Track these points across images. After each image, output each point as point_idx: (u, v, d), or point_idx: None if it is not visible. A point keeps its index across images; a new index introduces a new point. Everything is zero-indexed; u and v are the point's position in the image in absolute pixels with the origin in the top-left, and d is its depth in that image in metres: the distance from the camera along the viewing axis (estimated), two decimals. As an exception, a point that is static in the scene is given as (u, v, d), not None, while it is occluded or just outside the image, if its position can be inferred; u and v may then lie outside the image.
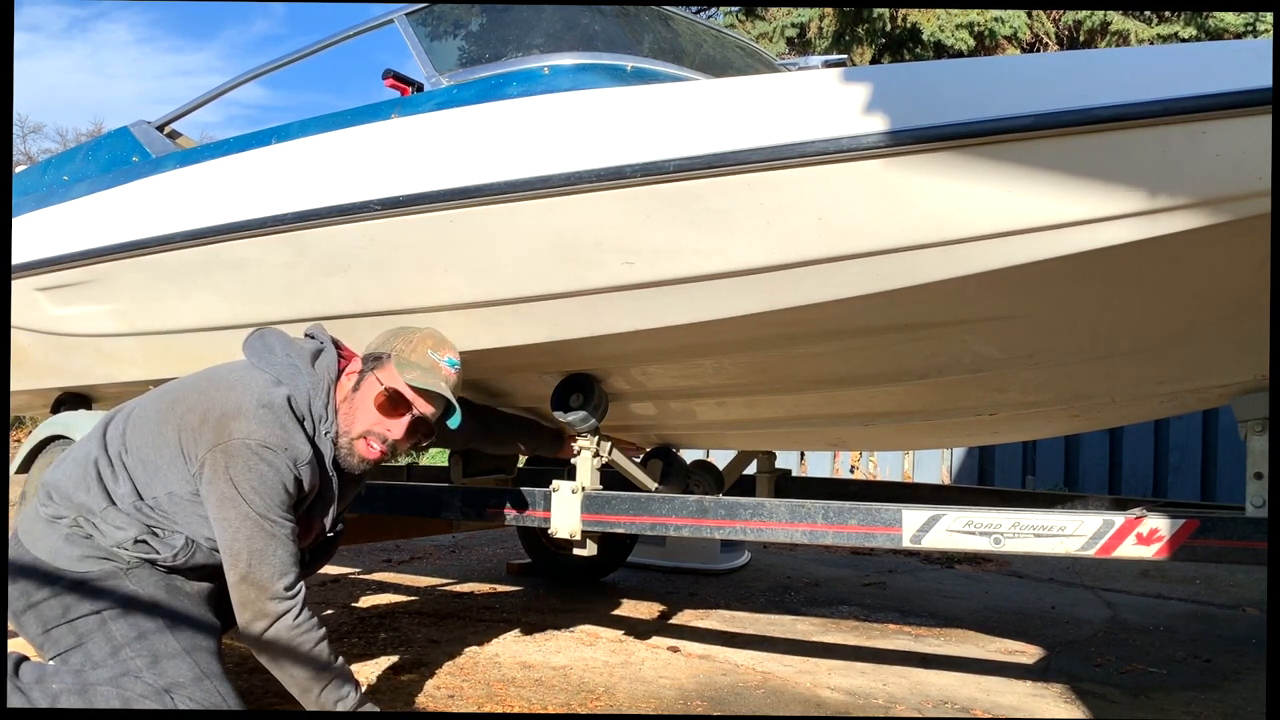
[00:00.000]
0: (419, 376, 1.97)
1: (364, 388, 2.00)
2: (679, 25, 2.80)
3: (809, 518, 2.29)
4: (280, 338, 2.05)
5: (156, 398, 2.01)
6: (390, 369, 1.98)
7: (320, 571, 2.57)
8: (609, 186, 2.04)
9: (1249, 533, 2.00)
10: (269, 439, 1.84)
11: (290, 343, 2.04)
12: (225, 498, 1.82)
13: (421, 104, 2.40)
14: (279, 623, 1.83)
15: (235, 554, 1.82)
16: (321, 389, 1.98)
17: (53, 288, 3.11)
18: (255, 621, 1.83)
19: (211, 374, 2.00)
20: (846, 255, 1.91)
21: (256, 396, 1.87)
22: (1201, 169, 1.63)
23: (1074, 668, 3.03)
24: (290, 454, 1.86)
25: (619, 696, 2.63)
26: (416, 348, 2.01)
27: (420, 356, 2.00)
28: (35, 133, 27.67)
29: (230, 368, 2.01)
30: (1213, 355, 2.18)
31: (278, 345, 2.02)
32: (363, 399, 1.99)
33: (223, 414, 1.85)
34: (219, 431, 1.84)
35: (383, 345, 2.03)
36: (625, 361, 2.52)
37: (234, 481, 1.81)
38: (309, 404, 1.95)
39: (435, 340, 2.06)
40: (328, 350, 2.07)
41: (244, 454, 1.81)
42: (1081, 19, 10.07)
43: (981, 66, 2.37)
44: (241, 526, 1.81)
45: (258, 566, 1.81)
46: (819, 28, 10.55)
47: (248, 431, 1.83)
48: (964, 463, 7.47)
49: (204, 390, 1.93)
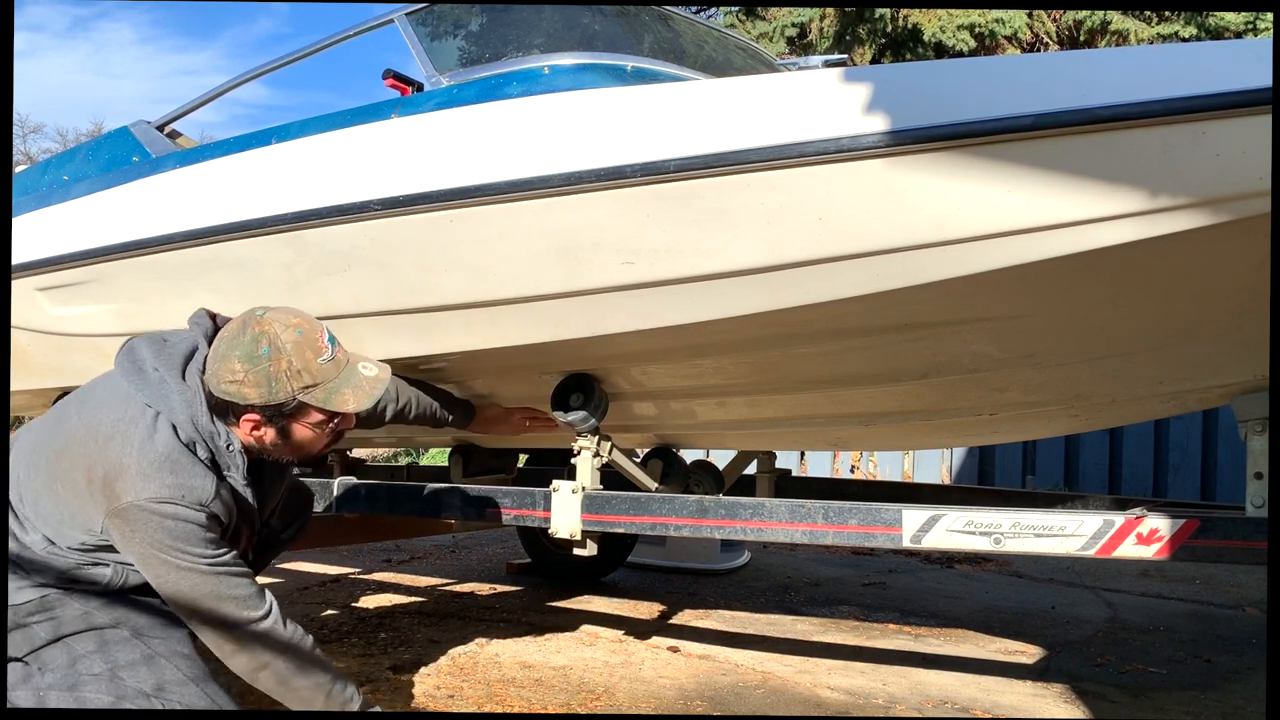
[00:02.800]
0: (354, 398, 1.78)
1: (296, 433, 1.81)
2: (679, 25, 2.79)
3: (809, 518, 2.29)
4: (150, 346, 1.81)
5: (41, 439, 1.81)
6: (312, 413, 1.78)
7: (320, 571, 2.55)
8: (609, 186, 2.04)
9: (1249, 533, 2.00)
10: (160, 493, 1.65)
11: (160, 349, 1.80)
12: (148, 559, 1.68)
13: (421, 104, 2.40)
14: (259, 647, 1.72)
15: (189, 608, 1.69)
16: (199, 403, 1.75)
17: (53, 288, 3.11)
18: (239, 653, 1.72)
19: (90, 414, 1.76)
20: (847, 255, 1.90)
21: (137, 444, 1.68)
22: (1201, 169, 1.63)
23: (1074, 668, 3.03)
24: (191, 497, 1.68)
25: (619, 696, 2.63)
26: (308, 364, 1.74)
27: (321, 371, 1.75)
28: (35, 133, 27.69)
29: (107, 400, 1.77)
30: (1213, 355, 2.18)
31: (147, 358, 1.78)
32: (300, 439, 1.82)
33: (105, 474, 1.67)
34: (108, 496, 1.66)
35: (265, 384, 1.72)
36: (625, 361, 2.52)
37: (148, 543, 1.66)
38: (193, 425, 1.73)
39: (308, 344, 1.75)
40: (201, 345, 1.83)
41: (141, 518, 1.65)
42: (1082, 19, 10.07)
43: (982, 66, 2.37)
44: (181, 580, 1.67)
45: (217, 608, 1.68)
46: (819, 28, 10.56)
47: (136, 492, 1.65)
48: (964, 463, 7.48)
49: (83, 442, 1.72)
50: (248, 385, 1.72)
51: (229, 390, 1.72)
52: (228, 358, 1.72)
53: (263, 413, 1.75)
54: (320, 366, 1.75)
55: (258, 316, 1.75)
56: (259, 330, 1.73)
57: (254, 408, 1.74)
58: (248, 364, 1.71)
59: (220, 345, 1.75)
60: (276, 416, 1.76)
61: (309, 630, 1.84)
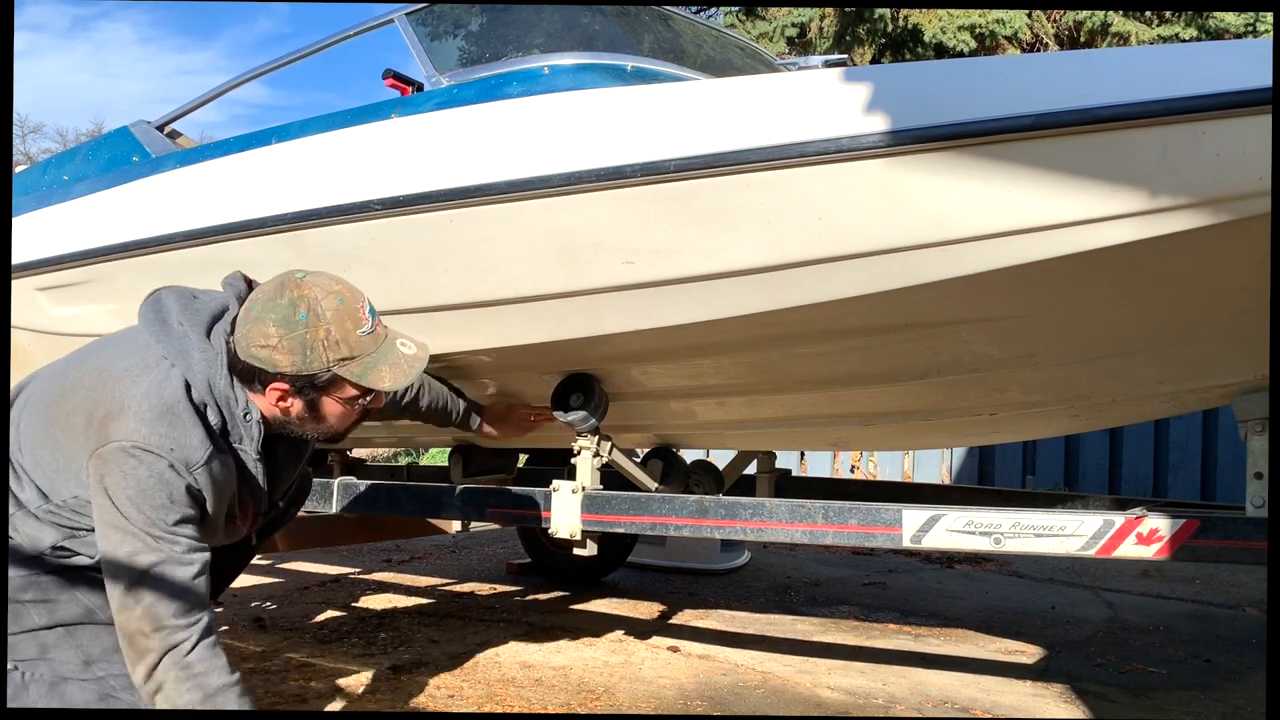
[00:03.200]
0: (390, 376, 1.66)
1: (325, 409, 1.68)
2: (679, 25, 2.80)
3: (809, 518, 2.29)
4: (178, 300, 1.69)
5: (48, 385, 1.70)
6: (345, 387, 1.66)
7: (320, 571, 2.53)
8: (609, 186, 2.04)
9: (1249, 533, 2.00)
10: (149, 441, 1.52)
11: (187, 304, 1.68)
12: (101, 509, 1.52)
13: (421, 104, 2.40)
14: (166, 659, 1.48)
15: (113, 574, 1.51)
16: (220, 365, 1.62)
17: (53, 288, 3.11)
18: (139, 661, 1.49)
19: (105, 359, 1.66)
20: (847, 255, 1.91)
21: (144, 389, 1.56)
22: (1201, 169, 1.63)
23: (1074, 668, 3.03)
24: (179, 455, 1.54)
25: (619, 696, 2.63)
26: (347, 334, 1.62)
27: (362, 343, 1.63)
28: (35, 133, 27.69)
29: (125, 347, 1.67)
30: (1213, 355, 2.18)
31: (173, 310, 1.66)
32: (328, 413, 1.69)
33: (105, 413, 1.55)
34: (99, 435, 1.54)
35: (299, 352, 1.59)
36: (625, 361, 2.52)
37: (109, 492, 1.51)
38: (209, 387, 1.60)
39: (350, 315, 1.63)
40: (231, 305, 1.71)
41: (118, 459, 1.51)
42: (1082, 19, 10.07)
43: (982, 66, 2.37)
44: (121, 544, 1.50)
45: (140, 592, 1.49)
46: (819, 28, 10.55)
47: (127, 431, 1.52)
48: (964, 463, 7.48)
49: (91, 385, 1.61)
50: (280, 351, 1.59)
51: (259, 355, 1.59)
52: (262, 320, 1.60)
53: (293, 382, 1.62)
54: (359, 339, 1.63)
55: (297, 279, 1.63)
56: (298, 294, 1.60)
57: (284, 376, 1.61)
58: (283, 328, 1.58)
59: (254, 306, 1.62)
60: (307, 388, 1.63)
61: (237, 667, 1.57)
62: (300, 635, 3.26)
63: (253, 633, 3.29)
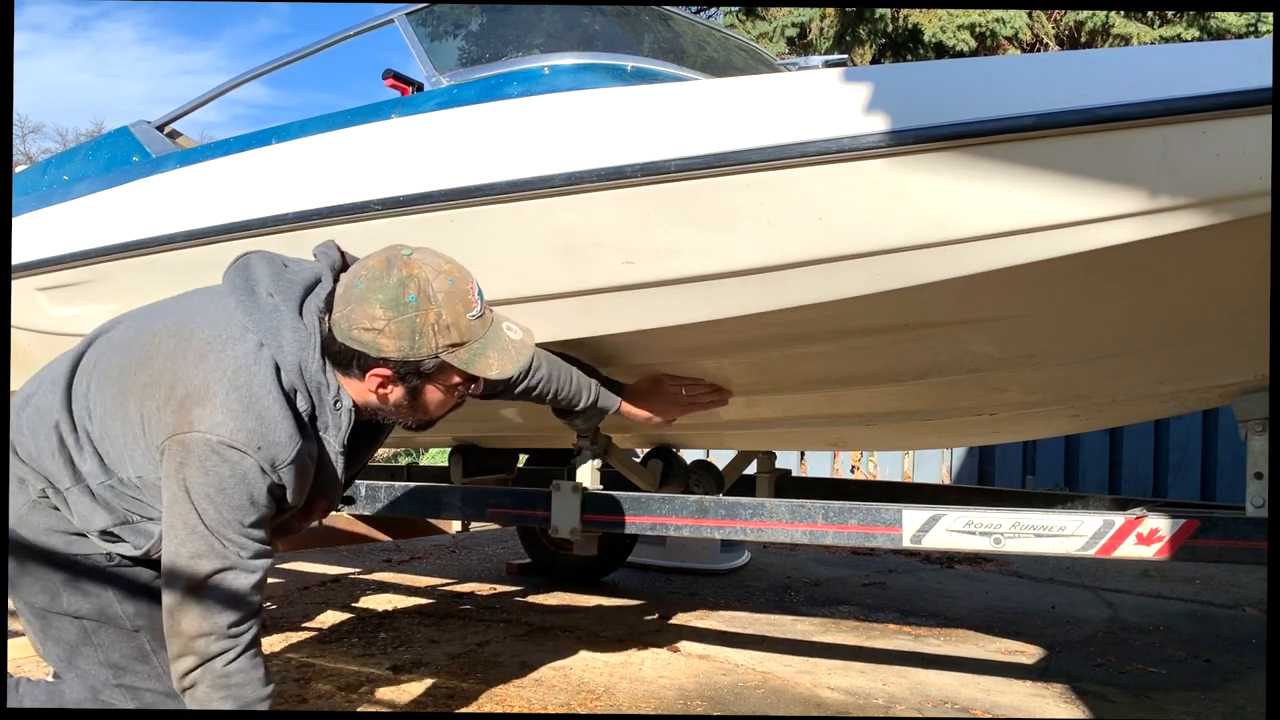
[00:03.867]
0: (498, 364, 1.56)
1: (426, 396, 1.58)
2: (679, 25, 2.79)
3: (809, 518, 2.29)
4: (267, 267, 1.57)
5: (124, 348, 1.56)
6: (451, 374, 1.56)
7: (320, 571, 2.53)
8: (610, 186, 2.04)
9: (1249, 533, 2.00)
10: (236, 437, 1.41)
11: (279, 274, 1.56)
12: (174, 500, 1.43)
13: (421, 104, 2.40)
14: (207, 666, 1.42)
15: (173, 572, 1.44)
16: (313, 347, 1.50)
17: (53, 288, 3.11)
18: (180, 659, 1.43)
19: (186, 323, 1.53)
20: (847, 255, 1.90)
21: (231, 374, 1.44)
22: (1202, 169, 1.63)
23: (1074, 668, 3.03)
24: (266, 454, 1.43)
25: (619, 696, 2.63)
26: (457, 318, 1.51)
27: (471, 327, 1.53)
28: (35, 132, 27.71)
29: (208, 313, 1.54)
30: (1213, 355, 2.18)
31: (262, 279, 1.55)
32: (428, 402, 1.59)
33: (187, 394, 1.43)
34: (180, 417, 1.43)
35: (408, 336, 1.48)
36: (625, 361, 2.52)
37: (186, 484, 1.42)
38: (300, 371, 1.49)
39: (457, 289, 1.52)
40: (325, 279, 1.58)
41: (200, 452, 1.41)
42: (1083, 20, 10.07)
43: (982, 66, 2.37)
44: (187, 541, 1.42)
45: (196, 593, 1.42)
46: (820, 28, 10.56)
47: (213, 423, 1.41)
48: (964, 463, 7.47)
49: (170, 354, 1.49)
50: (387, 336, 1.47)
51: (362, 339, 1.48)
52: (367, 300, 1.48)
53: (396, 369, 1.51)
54: (469, 323, 1.52)
55: (404, 256, 1.51)
56: (406, 273, 1.49)
57: (388, 362, 1.49)
58: (391, 311, 1.47)
59: (357, 284, 1.50)
60: (411, 375, 1.52)
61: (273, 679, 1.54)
62: (300, 635, 3.26)
63: (253, 633, 3.29)
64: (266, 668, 1.50)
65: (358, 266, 1.55)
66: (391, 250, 1.54)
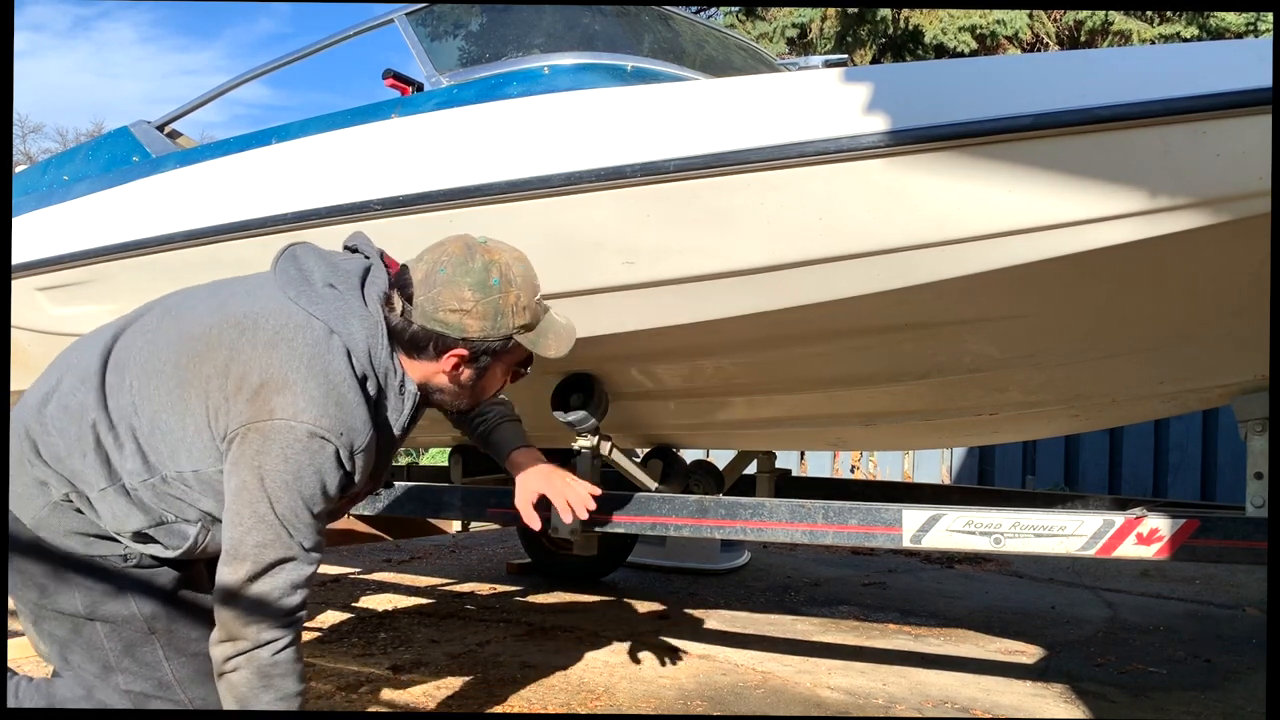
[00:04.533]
0: (555, 345, 1.64)
1: (490, 373, 1.65)
2: (679, 25, 2.80)
3: (809, 518, 2.29)
4: (317, 259, 1.61)
5: (175, 344, 1.54)
6: (516, 354, 1.64)
7: (320, 571, 2.51)
8: (609, 186, 2.04)
9: (1249, 533, 2.00)
10: (320, 423, 1.43)
11: (330, 265, 1.60)
12: (245, 487, 1.44)
13: (421, 104, 2.40)
14: (254, 654, 1.44)
15: (237, 559, 1.44)
16: (380, 334, 1.55)
17: (53, 288, 3.11)
18: (228, 643, 1.45)
19: (242, 315, 1.53)
20: (847, 255, 1.91)
21: (307, 362, 1.46)
22: (1201, 169, 1.63)
23: (1074, 668, 3.03)
24: (346, 440, 1.47)
25: (619, 696, 2.63)
26: (530, 301, 1.60)
27: (537, 310, 1.62)
28: (35, 132, 27.71)
29: (263, 304, 1.54)
30: (1213, 355, 2.18)
31: (316, 270, 1.57)
32: (489, 380, 1.67)
33: (263, 382, 1.45)
34: (258, 405, 1.44)
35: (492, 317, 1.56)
36: (625, 361, 2.52)
37: (261, 471, 1.43)
38: (369, 357, 1.53)
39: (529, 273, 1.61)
40: (376, 268, 1.63)
41: (284, 439, 1.42)
42: (1083, 19, 10.07)
43: (982, 66, 2.37)
44: (254, 529, 1.43)
45: (257, 582, 1.44)
46: (820, 29, 10.56)
47: (295, 410, 1.43)
48: (964, 463, 7.47)
49: (235, 345, 1.49)
50: (473, 316, 1.54)
51: (448, 320, 1.54)
52: (455, 283, 1.54)
53: (474, 349, 1.58)
54: (536, 306, 1.61)
55: (481, 243, 1.60)
56: (489, 258, 1.57)
57: (468, 342, 1.56)
58: (479, 292, 1.54)
59: (441, 270, 1.56)
60: (484, 354, 1.59)
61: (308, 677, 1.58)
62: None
63: (253, 633, 3.29)
64: (304, 664, 1.51)
65: (433, 253, 1.60)
66: (465, 238, 1.60)
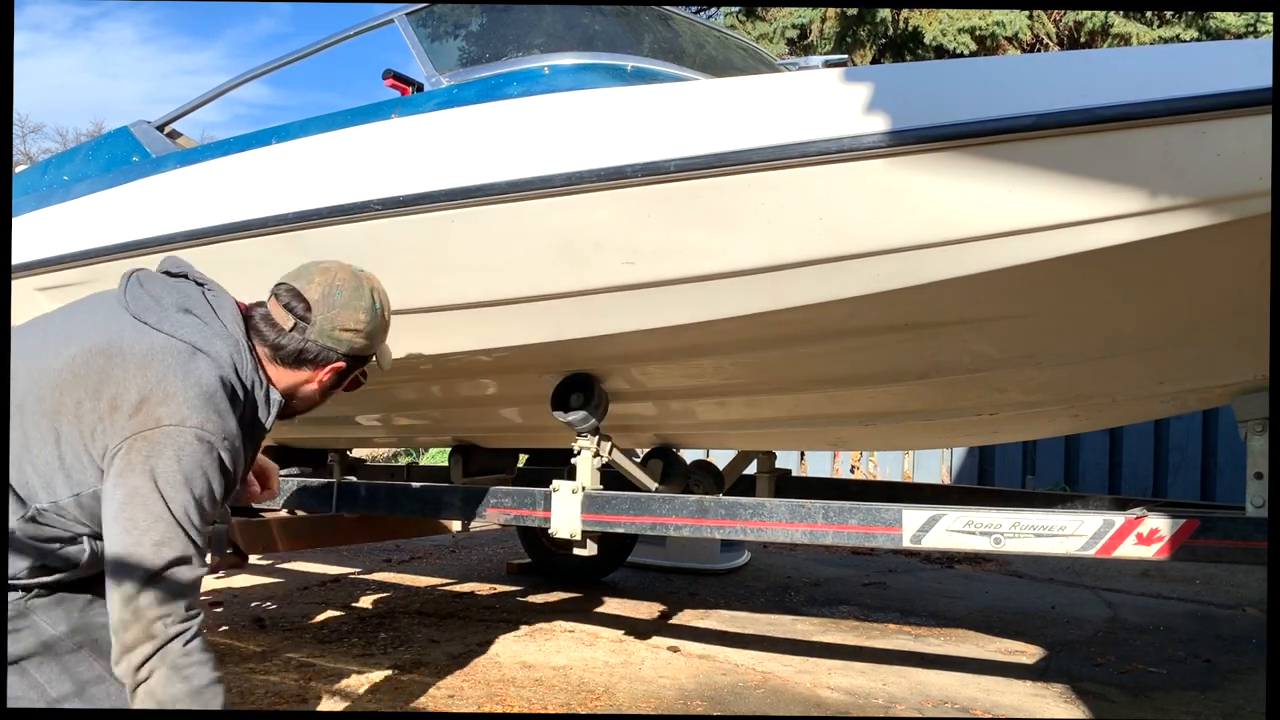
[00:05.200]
0: (389, 356, 1.89)
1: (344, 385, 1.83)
2: (679, 25, 2.79)
3: (809, 518, 2.29)
4: (164, 285, 1.67)
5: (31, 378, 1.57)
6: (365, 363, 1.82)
7: (320, 571, 2.50)
8: (610, 186, 2.04)
9: (1249, 533, 2.00)
10: (205, 427, 1.51)
11: (179, 291, 1.67)
12: (137, 492, 1.47)
13: (422, 104, 2.40)
14: (165, 650, 1.44)
15: (133, 561, 1.45)
16: (243, 349, 1.66)
17: (53, 288, 3.11)
18: (137, 647, 1.44)
19: (105, 343, 1.57)
20: (847, 255, 1.90)
21: (182, 375, 1.53)
22: (1202, 169, 1.63)
23: (1074, 668, 3.03)
24: (227, 445, 1.55)
25: (619, 696, 2.63)
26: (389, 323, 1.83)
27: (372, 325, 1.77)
28: (35, 132, 27.66)
29: (123, 332, 1.58)
30: (1213, 355, 2.18)
31: (167, 296, 1.64)
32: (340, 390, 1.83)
33: (143, 397, 1.50)
34: (141, 417, 1.49)
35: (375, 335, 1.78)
36: (625, 361, 2.52)
37: (154, 474, 1.47)
38: (235, 371, 1.63)
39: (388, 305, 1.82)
40: (215, 289, 1.73)
41: (175, 443, 1.48)
42: (1083, 20, 10.07)
43: (982, 66, 2.37)
44: (151, 528, 1.46)
45: (158, 580, 1.45)
46: (820, 30, 10.55)
47: (181, 416, 1.49)
48: (964, 463, 7.47)
49: (104, 369, 1.53)
50: (362, 336, 1.75)
51: (343, 337, 1.74)
52: (351, 307, 1.74)
53: (351, 361, 1.78)
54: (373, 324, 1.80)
55: (357, 272, 1.80)
56: (371, 286, 1.80)
57: (350, 357, 1.76)
58: (368, 315, 1.76)
59: (338, 293, 1.75)
60: (355, 364, 1.80)
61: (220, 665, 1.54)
62: (300, 635, 3.26)
63: (253, 633, 3.29)
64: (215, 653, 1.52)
65: (322, 277, 1.76)
66: (347, 266, 1.79)
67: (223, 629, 3.36)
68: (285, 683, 2.67)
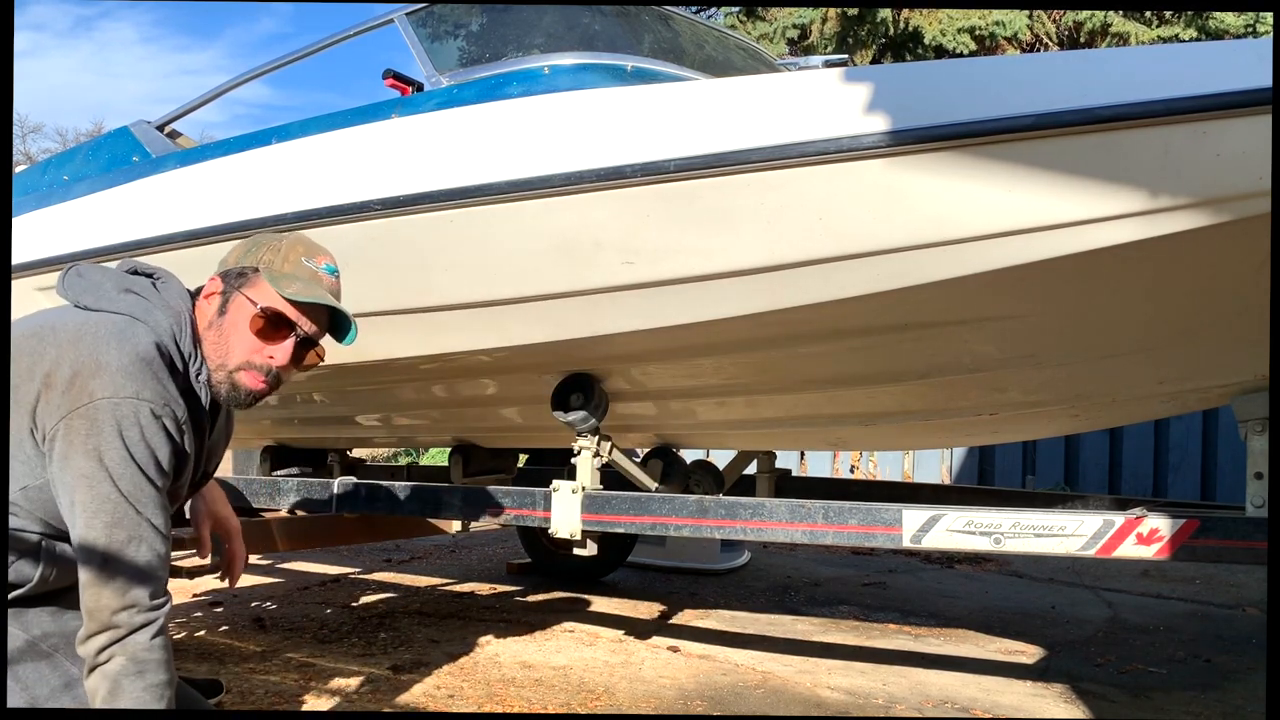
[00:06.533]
0: (300, 289, 1.59)
1: (232, 310, 1.60)
2: (679, 25, 2.80)
3: (809, 518, 2.29)
4: (104, 273, 1.62)
5: None
6: (262, 285, 1.59)
7: (320, 571, 2.49)
8: (609, 186, 2.04)
9: (1249, 533, 2.00)
10: (142, 395, 1.44)
11: (116, 274, 1.62)
12: (82, 474, 1.41)
13: (421, 104, 2.40)
14: (126, 642, 1.39)
15: (90, 547, 1.41)
16: (184, 322, 1.58)
17: (53, 288, 3.11)
18: (101, 634, 1.40)
19: (37, 326, 1.53)
20: (847, 255, 1.91)
21: (116, 345, 1.46)
22: (1202, 169, 1.63)
23: (1074, 668, 3.03)
24: (169, 410, 1.47)
25: (619, 696, 2.63)
26: (287, 256, 1.63)
27: (295, 266, 1.62)
28: (35, 132, 27.67)
29: (56, 314, 1.56)
30: (1213, 355, 2.18)
31: (105, 280, 1.59)
32: (233, 324, 1.60)
33: (75, 372, 1.43)
34: (74, 393, 1.42)
35: (245, 258, 1.63)
36: (625, 361, 2.52)
37: (98, 451, 1.41)
38: (175, 343, 1.55)
39: (306, 246, 1.67)
40: (165, 275, 1.66)
41: (112, 416, 1.41)
42: (1082, 20, 10.07)
43: (982, 66, 2.37)
44: (100, 510, 1.41)
45: (115, 564, 1.41)
46: (820, 30, 10.55)
47: (115, 388, 1.42)
48: (964, 463, 7.47)
49: (36, 350, 1.48)
50: (234, 253, 1.65)
51: (224, 259, 1.65)
52: (270, 246, 1.65)
53: (225, 276, 1.61)
54: (297, 264, 1.63)
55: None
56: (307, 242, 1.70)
57: (223, 275, 1.62)
58: (288, 246, 1.64)
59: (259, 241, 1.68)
60: (231, 278, 1.61)
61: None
62: (300, 635, 3.26)
63: (253, 633, 3.29)
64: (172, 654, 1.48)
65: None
66: None
67: (223, 629, 3.36)
68: (285, 683, 2.67)
